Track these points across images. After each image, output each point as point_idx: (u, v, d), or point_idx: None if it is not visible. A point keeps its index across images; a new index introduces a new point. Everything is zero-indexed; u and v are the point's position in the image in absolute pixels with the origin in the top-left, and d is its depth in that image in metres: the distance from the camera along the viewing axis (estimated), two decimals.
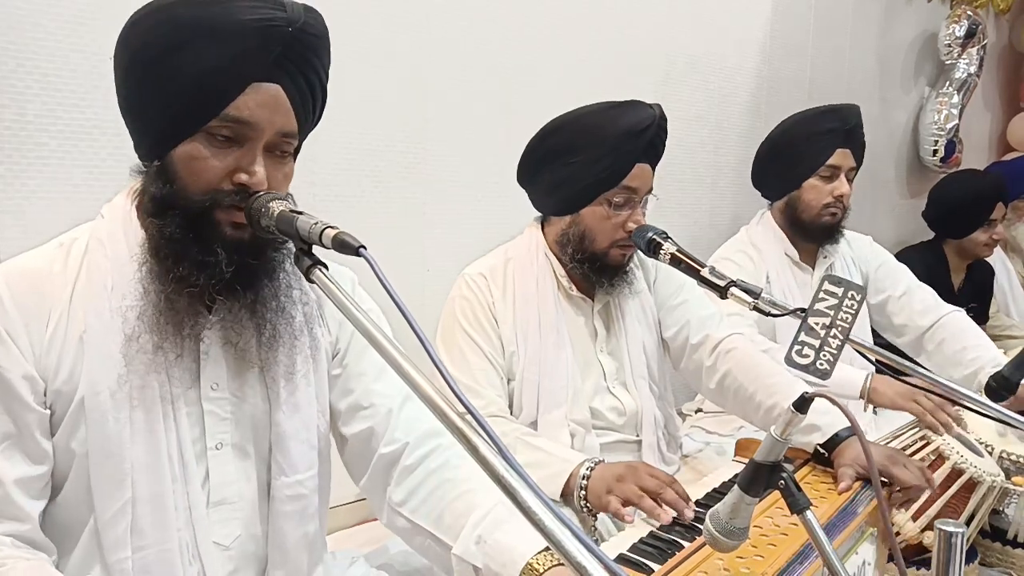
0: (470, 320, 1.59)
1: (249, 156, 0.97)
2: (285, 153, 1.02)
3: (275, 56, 0.95)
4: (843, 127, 2.17)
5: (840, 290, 1.15)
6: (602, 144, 1.52)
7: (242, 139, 0.97)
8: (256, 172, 0.96)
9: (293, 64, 0.97)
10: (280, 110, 0.98)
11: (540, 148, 1.62)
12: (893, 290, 2.29)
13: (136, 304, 0.98)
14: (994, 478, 1.53)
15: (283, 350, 1.06)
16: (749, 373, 1.59)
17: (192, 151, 0.96)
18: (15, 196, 1.57)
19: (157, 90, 0.96)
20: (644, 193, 1.57)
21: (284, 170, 1.02)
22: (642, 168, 1.55)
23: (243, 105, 0.95)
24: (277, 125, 0.98)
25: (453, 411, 0.72)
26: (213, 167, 0.96)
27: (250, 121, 0.96)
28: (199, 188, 0.97)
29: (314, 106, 1.04)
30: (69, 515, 1.00)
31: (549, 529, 0.64)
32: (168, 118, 0.97)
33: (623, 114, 1.55)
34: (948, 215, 2.99)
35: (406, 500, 1.11)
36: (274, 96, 0.97)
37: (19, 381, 0.95)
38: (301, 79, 0.99)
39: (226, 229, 0.98)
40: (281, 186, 1.01)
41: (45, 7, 1.56)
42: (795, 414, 0.89)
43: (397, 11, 2.09)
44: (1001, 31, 4.57)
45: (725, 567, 1.07)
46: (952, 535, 0.84)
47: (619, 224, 1.55)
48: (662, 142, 1.60)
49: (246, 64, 0.94)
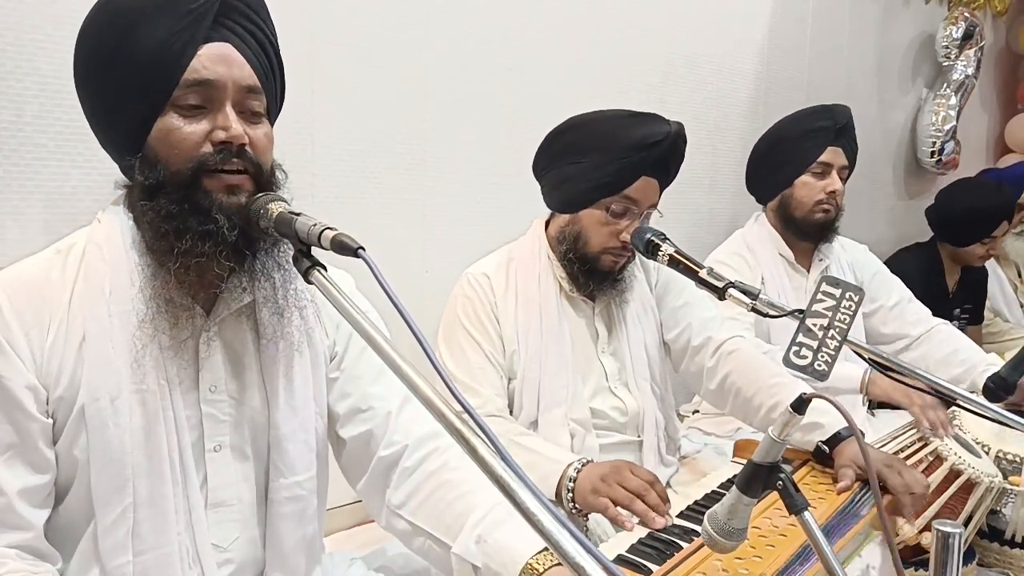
0: (471, 319, 1.59)
1: (221, 115, 0.99)
2: (257, 114, 1.03)
3: (215, 17, 0.98)
4: (834, 125, 2.20)
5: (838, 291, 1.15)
6: (611, 150, 1.52)
7: (209, 102, 0.98)
8: (231, 126, 0.98)
9: (236, 22, 1.00)
10: (235, 64, 0.99)
11: (555, 143, 1.63)
12: (886, 300, 2.30)
13: (135, 309, 0.98)
14: (992, 478, 1.53)
15: (281, 349, 1.06)
16: (750, 375, 1.59)
17: (166, 126, 0.98)
18: (13, 197, 1.57)
19: (121, 78, 0.98)
20: (646, 207, 1.57)
21: (261, 131, 1.03)
22: (647, 182, 1.55)
23: (199, 66, 0.97)
24: (237, 77, 0.99)
25: (452, 412, 0.72)
26: (190, 134, 0.98)
27: (210, 79, 0.97)
28: (182, 159, 0.98)
29: (271, 66, 1.05)
30: (69, 522, 0.99)
31: (547, 529, 0.64)
32: (136, 102, 0.98)
33: (638, 124, 1.55)
34: (952, 222, 2.99)
35: (405, 502, 1.12)
36: (227, 52, 0.99)
37: (21, 391, 0.95)
38: (248, 36, 1.02)
39: (220, 196, 0.98)
40: (265, 148, 1.02)
41: (43, 8, 1.55)
42: (793, 415, 0.90)
43: (397, 11, 2.09)
44: (998, 33, 4.57)
45: (723, 568, 1.08)
46: (949, 535, 0.85)
47: (614, 232, 1.55)
48: (675, 160, 1.59)
49: (191, 28, 0.97)
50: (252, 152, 1.00)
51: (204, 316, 1.03)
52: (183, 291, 1.00)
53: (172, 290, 0.99)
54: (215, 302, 1.04)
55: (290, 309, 1.06)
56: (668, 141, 1.52)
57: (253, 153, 1.00)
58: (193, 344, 1.02)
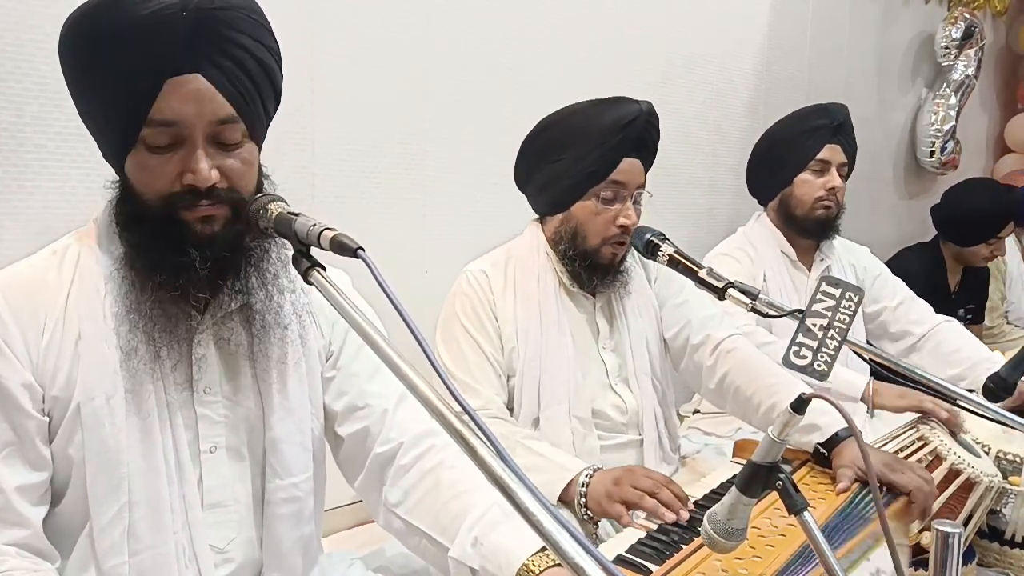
0: (470, 317, 1.59)
1: (190, 156, 0.94)
2: (233, 142, 0.98)
3: (182, 45, 0.91)
4: (831, 123, 2.21)
5: (838, 291, 1.15)
6: (589, 139, 1.54)
7: (179, 139, 0.95)
8: (199, 170, 0.94)
9: (206, 47, 0.93)
10: (205, 99, 0.94)
11: (531, 147, 1.65)
12: (889, 301, 2.30)
13: (126, 312, 0.98)
14: (991, 478, 1.53)
15: (275, 343, 1.05)
16: (749, 374, 1.59)
17: (138, 161, 0.96)
18: (12, 198, 1.57)
19: (94, 103, 0.97)
20: (634, 188, 1.58)
21: (239, 158, 0.98)
22: (630, 163, 1.56)
23: (164, 106, 0.92)
24: (208, 116, 0.94)
25: (451, 412, 0.72)
26: (161, 174, 0.95)
27: (175, 120, 0.93)
28: (153, 196, 0.96)
29: (254, 83, 0.98)
30: (65, 521, 0.99)
31: (547, 530, 0.64)
32: (110, 130, 0.97)
33: (609, 109, 1.56)
34: (957, 222, 2.99)
35: (402, 501, 1.12)
36: (195, 87, 0.93)
37: (18, 389, 0.95)
38: (224, 59, 0.94)
39: (195, 226, 0.97)
40: (241, 176, 0.99)
41: (42, 8, 1.55)
42: (792, 415, 0.90)
43: (397, 11, 2.09)
44: (998, 32, 4.57)
45: (723, 568, 1.08)
46: (949, 535, 0.84)
47: (609, 220, 1.56)
48: (652, 138, 1.60)
49: (154, 61, 0.91)
50: (227, 184, 0.97)
51: (198, 317, 1.03)
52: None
53: (164, 300, 0.99)
54: (209, 303, 1.04)
55: (284, 311, 1.06)
56: (641, 119, 1.54)
57: (228, 184, 0.97)
58: (187, 345, 1.02)
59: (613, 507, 1.31)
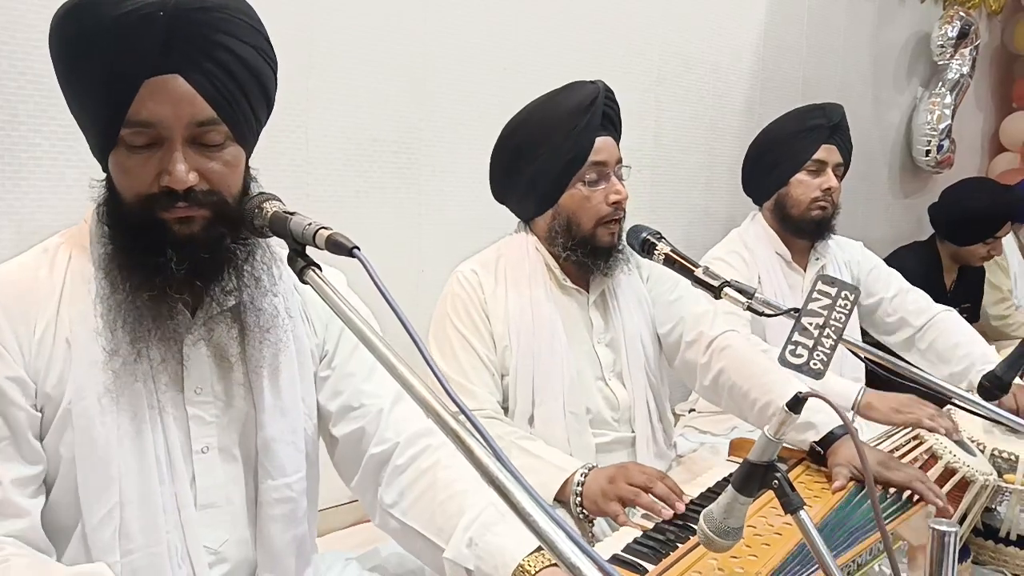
0: (461, 317, 1.59)
1: (167, 156, 0.93)
2: (214, 144, 0.96)
3: (160, 46, 0.90)
4: (827, 123, 2.21)
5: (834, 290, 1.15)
6: (559, 129, 1.55)
7: (158, 140, 0.94)
8: (175, 171, 0.92)
9: (186, 48, 0.91)
10: (184, 101, 0.92)
11: (504, 156, 1.65)
12: (885, 292, 2.30)
13: (110, 312, 0.98)
14: (987, 477, 1.53)
15: (266, 343, 1.05)
16: (743, 371, 1.59)
17: (119, 161, 0.96)
18: (7, 197, 1.56)
19: (76, 101, 0.97)
20: (614, 164, 1.60)
21: (221, 160, 0.97)
22: (604, 140, 1.58)
23: (141, 107, 0.91)
24: (186, 117, 0.93)
25: (447, 411, 0.72)
26: (139, 175, 0.95)
27: (152, 121, 0.92)
28: (132, 197, 0.96)
29: (239, 85, 0.96)
30: (57, 520, 0.99)
31: (543, 530, 0.64)
32: (94, 129, 0.97)
33: (567, 96, 1.59)
34: (955, 222, 2.99)
35: (397, 501, 1.11)
36: (173, 88, 0.92)
37: (8, 383, 0.95)
38: (205, 61, 0.92)
39: (174, 226, 0.96)
40: (223, 178, 0.97)
41: (38, 8, 1.55)
42: (788, 414, 0.90)
43: (395, 11, 2.09)
44: (994, 32, 4.59)
45: (719, 567, 1.08)
46: (945, 534, 0.85)
47: (600, 200, 1.57)
48: (615, 112, 1.63)
49: (132, 61, 0.90)
50: (207, 186, 0.96)
51: (189, 317, 1.03)
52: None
53: (144, 300, 0.98)
54: (200, 304, 1.04)
55: (276, 311, 1.05)
56: (601, 96, 1.58)
57: (208, 186, 0.96)
58: (177, 346, 1.02)
59: (609, 505, 1.31)
